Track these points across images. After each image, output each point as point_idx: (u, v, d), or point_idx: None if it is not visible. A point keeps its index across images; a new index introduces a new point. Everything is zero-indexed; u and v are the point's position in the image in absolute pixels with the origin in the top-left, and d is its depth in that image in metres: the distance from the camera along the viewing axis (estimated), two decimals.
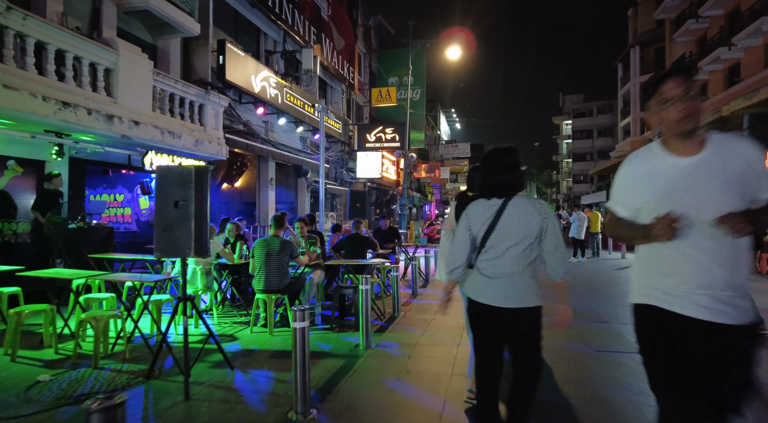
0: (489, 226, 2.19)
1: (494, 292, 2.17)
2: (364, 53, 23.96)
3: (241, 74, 11.14)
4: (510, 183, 2.23)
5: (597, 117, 50.88)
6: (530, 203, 2.22)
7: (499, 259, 2.18)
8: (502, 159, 2.27)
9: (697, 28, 23.20)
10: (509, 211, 2.18)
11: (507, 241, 2.17)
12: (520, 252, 2.16)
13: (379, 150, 18.63)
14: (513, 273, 2.16)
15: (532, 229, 2.16)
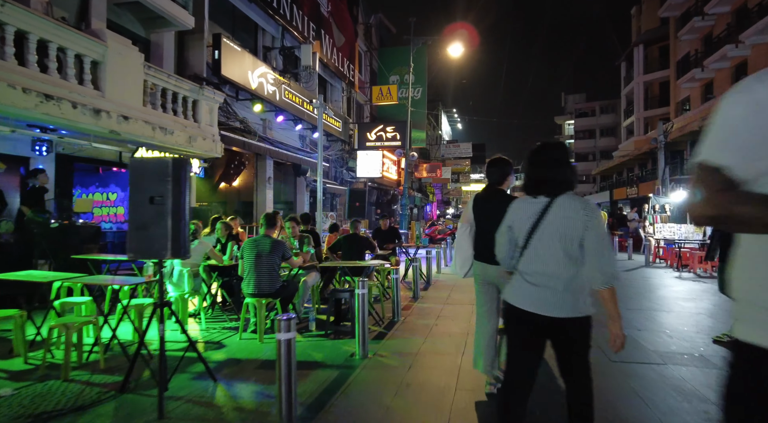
0: (532, 226, 2.05)
1: (535, 298, 2.00)
2: (364, 51, 23.66)
3: (238, 70, 10.83)
4: (560, 179, 2.07)
5: (599, 117, 50.48)
6: (577, 201, 2.04)
7: (541, 262, 2.02)
8: (551, 154, 2.14)
9: (702, 26, 22.85)
10: (555, 210, 2.03)
11: (552, 243, 2.01)
12: (566, 254, 1.99)
13: (379, 149, 18.31)
14: (558, 277, 1.99)
15: (576, 229, 1.99)
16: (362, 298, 3.89)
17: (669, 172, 19.53)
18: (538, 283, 2.01)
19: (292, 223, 5.43)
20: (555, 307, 1.95)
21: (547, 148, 2.17)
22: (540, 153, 2.16)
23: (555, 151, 2.15)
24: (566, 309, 1.95)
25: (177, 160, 3.10)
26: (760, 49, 18.76)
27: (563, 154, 2.15)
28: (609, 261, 1.97)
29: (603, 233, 2.00)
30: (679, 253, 10.38)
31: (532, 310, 1.98)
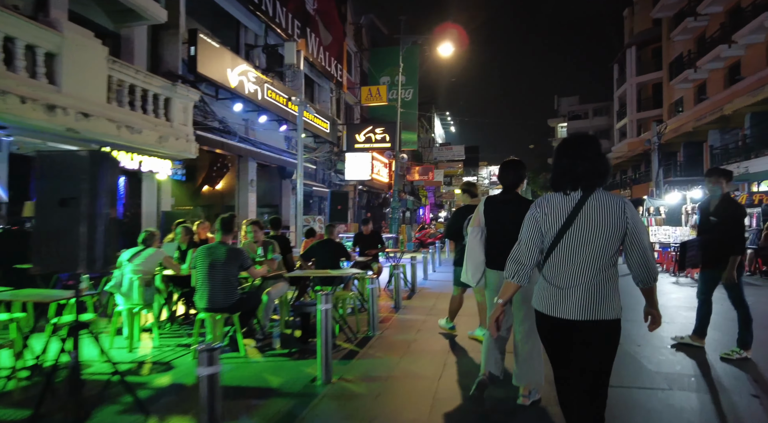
0: (564, 224, 1.92)
1: (567, 303, 1.90)
2: (355, 52, 23.24)
3: (216, 67, 10.33)
4: (595, 172, 1.93)
5: (593, 119, 50.37)
6: (615, 198, 1.93)
7: (573, 264, 1.91)
8: (588, 145, 2.00)
9: (696, 26, 22.63)
10: (590, 206, 1.90)
11: (586, 242, 1.89)
12: (600, 255, 1.89)
13: (368, 151, 17.84)
14: (589, 280, 1.89)
15: (616, 228, 1.88)
16: (325, 314, 3.41)
17: (663, 174, 19.22)
18: (570, 286, 1.89)
19: (254, 227, 4.92)
20: (588, 310, 1.86)
21: (582, 139, 2.04)
22: (575, 144, 2.02)
23: (591, 142, 2.02)
24: (599, 311, 1.86)
25: (95, 154, 2.61)
26: (755, 49, 18.52)
27: (598, 145, 2.03)
28: (652, 260, 1.95)
29: (645, 231, 1.92)
30: (675, 257, 9.95)
31: (565, 315, 1.88)
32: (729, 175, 4.34)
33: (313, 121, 15.50)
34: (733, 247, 4.03)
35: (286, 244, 5.65)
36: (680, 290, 8.11)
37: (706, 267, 4.25)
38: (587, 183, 1.93)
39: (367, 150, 17.81)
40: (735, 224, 4.09)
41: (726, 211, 4.10)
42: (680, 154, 23.51)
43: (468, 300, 5.00)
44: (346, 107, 21.73)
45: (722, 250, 4.05)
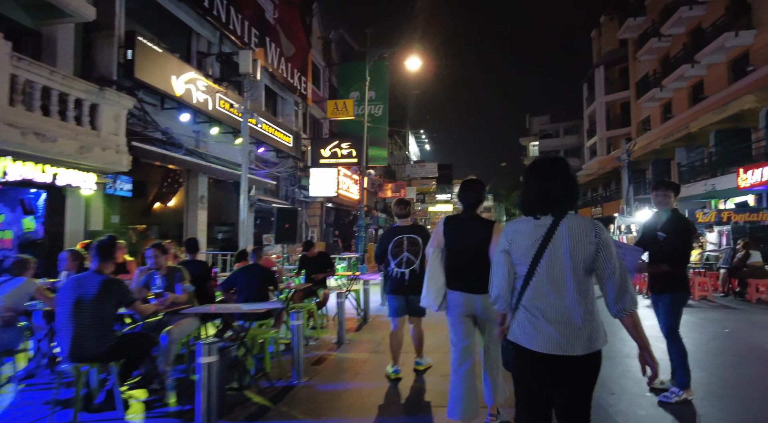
0: (538, 251, 1.80)
1: (548, 336, 1.76)
2: (323, 66, 22.71)
3: (158, 73, 9.48)
4: (566, 195, 1.85)
5: (564, 138, 51.17)
6: (586, 221, 1.84)
7: (552, 293, 1.78)
8: (559, 168, 1.92)
9: (660, 47, 23.02)
10: (563, 231, 1.80)
11: (562, 269, 1.78)
12: (578, 282, 1.78)
13: (334, 166, 17.10)
14: (571, 310, 1.77)
15: (589, 252, 1.79)
16: (209, 370, 2.56)
17: (633, 192, 19.10)
18: (552, 318, 1.79)
19: (155, 251, 4.04)
20: (573, 344, 1.76)
21: (554, 162, 1.96)
22: (547, 167, 1.94)
23: (563, 165, 1.95)
24: (584, 345, 1.77)
25: None
26: (716, 68, 18.79)
27: (567, 168, 1.95)
28: (630, 284, 1.82)
29: (617, 254, 1.81)
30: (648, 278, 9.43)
31: (546, 350, 1.77)
32: (677, 189, 3.83)
33: (274, 135, 14.71)
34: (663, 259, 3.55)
35: (205, 270, 4.79)
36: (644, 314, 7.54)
37: (664, 290, 3.62)
38: (560, 207, 1.84)
39: (333, 165, 17.06)
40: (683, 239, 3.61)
41: (676, 227, 3.58)
42: (649, 171, 23.61)
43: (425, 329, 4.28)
44: (313, 122, 21.03)
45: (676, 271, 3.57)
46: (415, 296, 4.07)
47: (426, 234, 4.22)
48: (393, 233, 4.28)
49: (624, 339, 5.76)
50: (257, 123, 13.57)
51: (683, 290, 3.58)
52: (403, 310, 4.25)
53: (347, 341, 5.36)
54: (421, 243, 4.18)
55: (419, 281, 3.90)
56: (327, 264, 6.65)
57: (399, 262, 4.17)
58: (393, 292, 4.24)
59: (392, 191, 32.37)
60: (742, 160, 15.60)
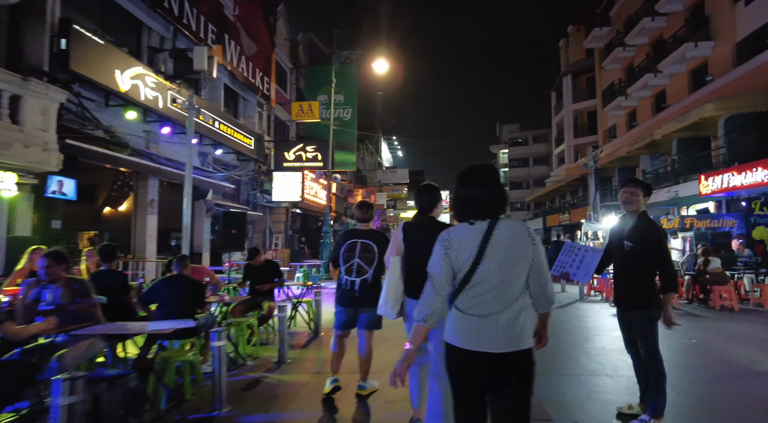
0: (477, 255, 1.84)
1: (483, 336, 1.81)
2: (290, 68, 22.16)
3: (99, 66, 8.74)
4: (497, 200, 1.93)
5: (533, 146, 51.94)
6: (518, 225, 1.93)
7: (487, 295, 1.84)
8: (487, 174, 1.99)
9: (624, 56, 23.46)
10: (499, 235, 1.86)
11: (498, 272, 1.83)
12: (513, 284, 1.84)
13: (299, 170, 16.49)
14: (504, 310, 1.83)
15: (524, 256, 1.86)
16: (70, 414, 1.98)
17: (600, 198, 19.21)
18: (485, 316, 1.82)
19: (49, 261, 3.38)
20: (505, 341, 1.79)
21: (482, 169, 2.02)
22: (476, 173, 2.00)
23: (490, 172, 2.02)
24: (519, 341, 1.81)
25: None
26: (677, 78, 19.19)
27: (497, 174, 2.05)
28: (551, 284, 1.96)
29: (546, 260, 1.93)
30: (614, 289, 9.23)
31: (481, 349, 1.80)
32: (648, 189, 3.28)
33: (233, 136, 14.02)
34: (667, 283, 3.08)
35: (121, 282, 4.16)
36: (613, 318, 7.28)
37: (637, 306, 3.14)
38: (491, 211, 1.90)
39: (297, 169, 16.45)
40: (660, 250, 3.09)
41: (645, 234, 3.08)
42: (615, 179, 23.94)
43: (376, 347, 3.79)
44: (279, 125, 20.38)
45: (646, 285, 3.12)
46: (367, 310, 3.61)
47: (384, 242, 3.76)
48: (347, 236, 3.80)
49: (588, 349, 5.42)
50: (214, 123, 12.88)
51: (657, 305, 3.10)
52: (349, 324, 3.77)
53: (289, 360, 4.79)
54: (376, 251, 3.71)
55: (371, 293, 3.53)
56: (274, 273, 6.07)
57: (349, 268, 3.69)
58: (341, 304, 3.76)
59: (363, 197, 31.93)
60: (703, 167, 15.87)
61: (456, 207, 1.98)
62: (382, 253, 3.62)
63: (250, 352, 5.03)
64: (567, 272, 3.40)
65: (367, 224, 3.89)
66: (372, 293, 3.51)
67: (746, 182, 11.24)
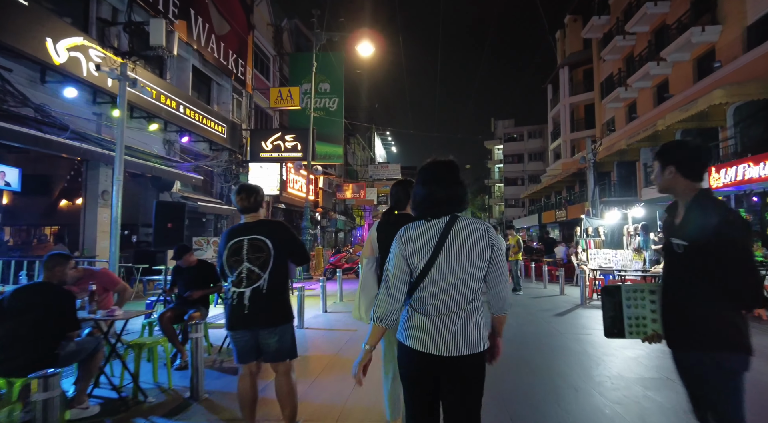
0: (433, 253, 1.78)
1: (435, 337, 1.76)
2: (273, 56, 20.93)
3: (23, 32, 7.52)
4: (456, 198, 1.86)
5: (528, 141, 50.99)
6: (476, 224, 1.85)
7: (442, 296, 1.78)
8: (443, 171, 1.89)
9: (624, 45, 22.38)
10: (456, 234, 1.81)
11: (454, 271, 1.77)
12: (468, 284, 1.79)
13: (277, 161, 15.28)
14: (457, 312, 1.77)
15: (481, 256, 1.80)
16: None
17: (598, 194, 18.15)
18: (437, 318, 1.78)
19: None
20: (457, 345, 1.75)
21: (442, 165, 1.91)
22: (435, 169, 1.91)
23: (449, 168, 1.91)
24: (471, 345, 1.76)
25: None
26: (681, 67, 18.13)
27: (457, 170, 1.92)
28: (509, 289, 1.92)
29: (505, 262, 1.89)
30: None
31: (432, 351, 1.75)
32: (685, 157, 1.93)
33: (202, 123, 12.79)
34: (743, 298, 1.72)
35: None
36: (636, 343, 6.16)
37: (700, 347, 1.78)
38: (451, 209, 1.85)
39: (275, 160, 15.24)
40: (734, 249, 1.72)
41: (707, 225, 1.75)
42: (614, 174, 22.92)
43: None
44: (260, 114, 19.15)
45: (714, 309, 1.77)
46: (268, 332, 2.52)
47: (282, 233, 2.77)
48: (229, 236, 2.69)
49: (603, 384, 4.24)
50: (178, 107, 11.62)
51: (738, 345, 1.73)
52: (251, 352, 2.69)
53: (205, 396, 3.60)
54: (270, 248, 2.67)
55: (270, 307, 2.65)
56: (210, 277, 4.90)
57: (238, 278, 2.65)
58: (231, 326, 2.70)
59: (352, 192, 30.74)
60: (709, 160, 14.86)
61: (414, 203, 1.91)
62: (280, 249, 2.71)
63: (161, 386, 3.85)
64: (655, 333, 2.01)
65: (256, 215, 2.76)
66: (271, 306, 2.63)
67: (765, 174, 10.17)
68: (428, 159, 1.95)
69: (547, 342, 5.68)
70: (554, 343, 5.59)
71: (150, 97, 10.66)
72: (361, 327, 6.56)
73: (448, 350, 1.73)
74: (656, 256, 10.75)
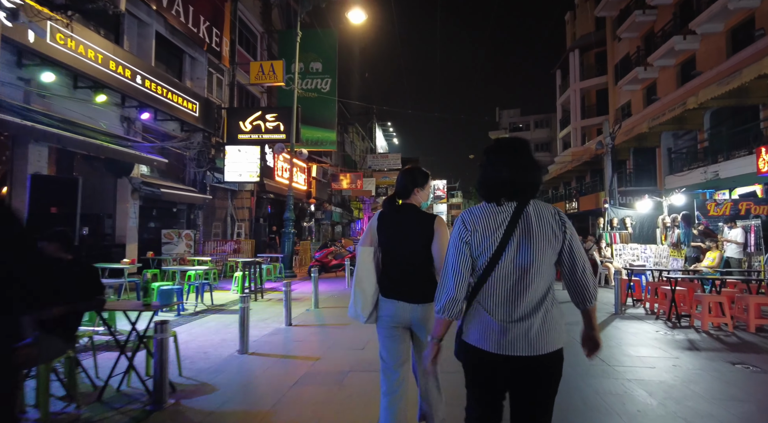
0: (502, 241, 1.60)
1: (509, 336, 1.58)
2: (261, 33, 19.18)
3: None
4: (538, 183, 1.69)
5: (534, 131, 49.12)
6: (547, 207, 1.68)
7: (514, 287, 1.61)
8: (527, 152, 1.69)
9: (643, 21, 20.48)
10: (527, 218, 1.62)
11: (529, 260, 1.59)
12: (545, 274, 1.61)
13: (256, 143, 13.56)
14: (533, 304, 1.60)
15: (556, 241, 1.63)
16: None
17: (616, 182, 16.37)
18: (512, 315, 1.59)
19: None
20: (536, 343, 1.57)
21: (520, 145, 1.71)
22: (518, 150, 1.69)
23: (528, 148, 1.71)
24: (544, 344, 1.58)
25: None
26: (712, 40, 16.24)
27: (533, 152, 1.72)
28: (593, 278, 1.68)
29: (582, 247, 1.69)
30: (673, 292, 6.34)
31: (508, 351, 1.57)
32: None
33: (168, 98, 11.08)
34: None
35: None
36: (695, 360, 4.43)
37: None
38: (527, 194, 1.65)
39: (254, 142, 13.52)
40: None
41: None
42: (630, 162, 21.10)
43: None
44: (244, 94, 17.42)
45: None
46: None
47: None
48: None
49: None
50: (135, 77, 9.88)
51: None
52: None
53: None
54: None
55: None
56: (83, 281, 3.21)
57: None
58: None
59: (349, 181, 29.02)
60: (746, 142, 13.04)
61: (484, 186, 1.70)
62: None
63: None
64: None
65: None
66: None
67: None
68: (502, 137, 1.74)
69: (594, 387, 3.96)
70: (605, 388, 3.88)
71: (95, 63, 8.94)
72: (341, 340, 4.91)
73: (524, 349, 1.56)
74: (695, 252, 9.00)
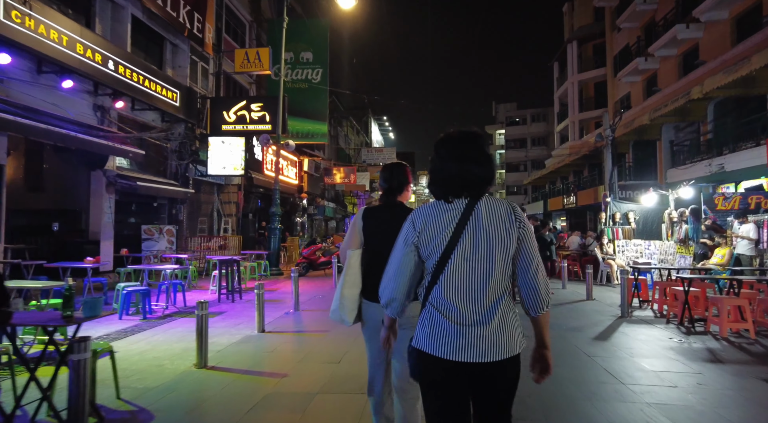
0: (452, 239, 1.52)
1: (466, 341, 1.48)
2: (250, 22, 18.48)
3: None
4: (491, 177, 1.59)
5: (531, 125, 48.54)
6: (500, 204, 1.57)
7: (469, 289, 1.51)
8: (476, 145, 1.60)
9: (644, 10, 19.90)
10: (481, 216, 1.53)
11: (479, 260, 1.51)
12: (497, 275, 1.51)
13: (241, 134, 12.91)
14: (489, 307, 1.50)
15: (510, 239, 1.52)
16: None
17: (616, 176, 15.84)
18: (465, 319, 1.49)
19: None
20: (489, 349, 1.47)
21: (473, 138, 1.61)
22: (467, 143, 1.60)
23: (481, 142, 1.62)
24: (502, 349, 1.49)
25: None
26: (716, 28, 15.68)
27: (486, 145, 1.63)
28: (545, 280, 1.57)
29: (536, 245, 1.57)
30: (686, 295, 5.80)
31: (461, 358, 1.48)
32: None
33: (145, 85, 10.41)
34: None
35: None
36: (721, 376, 3.90)
37: None
38: (477, 189, 1.56)
39: (239, 133, 12.87)
40: None
41: None
42: (629, 155, 20.58)
43: None
44: (232, 85, 16.74)
45: None
46: None
47: None
48: None
49: None
50: (107, 63, 9.20)
51: None
52: None
53: None
54: None
55: None
56: None
57: None
58: None
59: (343, 176, 28.37)
60: (754, 134, 12.52)
61: (435, 182, 1.61)
62: None
63: None
64: None
65: None
66: None
67: None
68: (451, 130, 1.64)
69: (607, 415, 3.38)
70: (621, 416, 3.31)
71: (59, 45, 8.27)
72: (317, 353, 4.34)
73: (483, 355, 1.47)
74: (702, 248, 8.48)
